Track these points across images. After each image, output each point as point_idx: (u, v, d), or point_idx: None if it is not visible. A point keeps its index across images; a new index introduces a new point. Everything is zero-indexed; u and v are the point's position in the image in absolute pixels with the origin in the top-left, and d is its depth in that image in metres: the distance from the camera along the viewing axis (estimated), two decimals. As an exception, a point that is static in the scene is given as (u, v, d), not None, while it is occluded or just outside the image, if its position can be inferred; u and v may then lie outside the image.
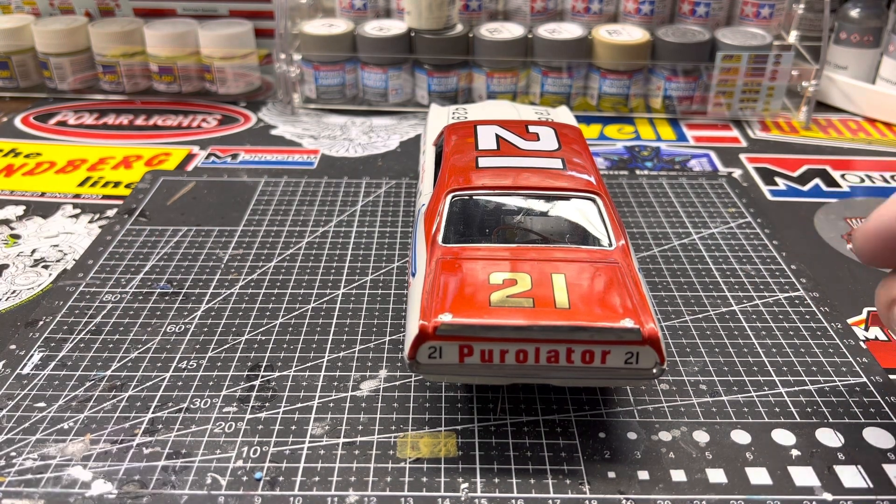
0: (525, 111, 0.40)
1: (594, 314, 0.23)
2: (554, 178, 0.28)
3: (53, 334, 0.32)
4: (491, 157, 0.30)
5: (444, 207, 0.28)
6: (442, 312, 0.23)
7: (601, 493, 0.24)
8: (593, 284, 0.24)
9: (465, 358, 0.24)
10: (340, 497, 0.24)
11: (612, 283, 0.24)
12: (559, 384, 0.25)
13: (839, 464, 0.26)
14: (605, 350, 0.23)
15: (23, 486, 0.25)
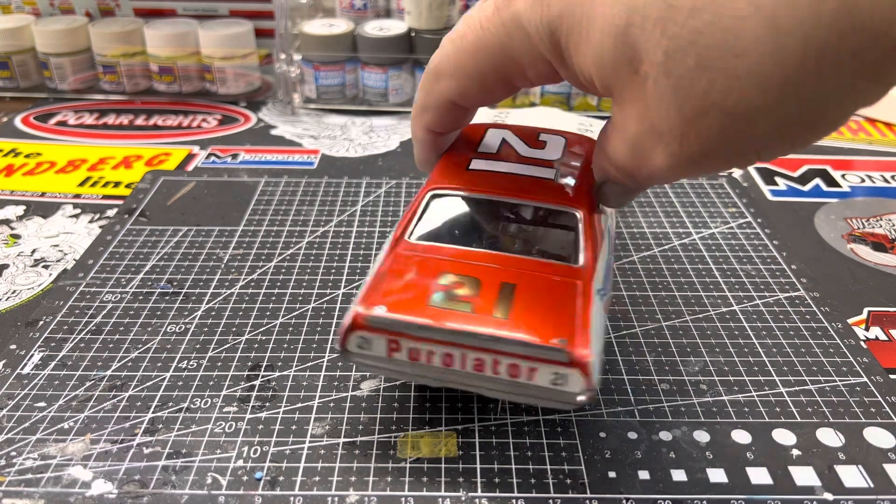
0: (569, 120, 0.40)
1: (527, 329, 0.22)
2: (538, 189, 0.27)
3: (53, 334, 0.32)
4: (486, 160, 0.29)
5: (421, 205, 0.27)
6: (377, 305, 0.23)
7: (601, 493, 0.24)
8: (542, 299, 0.24)
9: (392, 353, 0.23)
10: (341, 497, 0.24)
11: (563, 302, 0.23)
12: (488, 395, 0.24)
13: (840, 463, 0.26)
14: (532, 367, 0.22)
15: (23, 485, 0.25)
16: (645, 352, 0.31)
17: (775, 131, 0.18)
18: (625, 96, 0.20)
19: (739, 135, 0.18)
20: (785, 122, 0.18)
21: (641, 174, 0.22)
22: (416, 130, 0.28)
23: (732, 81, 0.17)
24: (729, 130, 0.18)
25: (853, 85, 0.17)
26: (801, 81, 0.17)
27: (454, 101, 0.26)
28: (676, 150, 0.20)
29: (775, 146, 0.19)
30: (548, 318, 0.23)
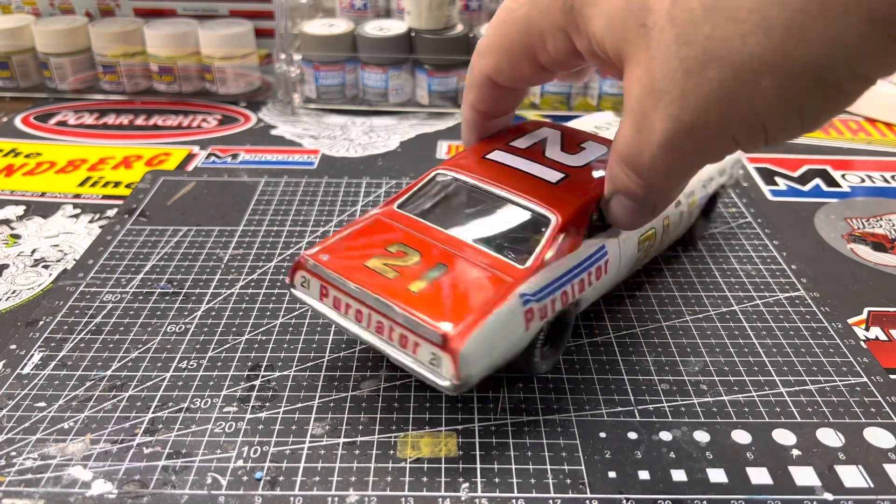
0: None
1: (425, 306, 0.24)
2: (532, 189, 0.28)
3: (54, 334, 0.32)
4: (507, 153, 0.30)
5: (424, 180, 0.30)
6: (322, 254, 0.27)
7: (601, 493, 0.24)
8: (462, 286, 0.25)
9: (323, 298, 0.27)
10: (341, 497, 0.24)
11: (478, 293, 0.25)
12: (393, 361, 0.26)
13: (840, 464, 0.26)
14: (416, 342, 0.24)
15: (23, 485, 0.25)
16: (645, 352, 0.31)
17: (780, 89, 0.17)
18: (631, 58, 0.20)
19: (741, 92, 0.18)
20: (790, 78, 0.17)
21: (643, 160, 0.21)
22: (463, 109, 0.30)
23: (736, 25, 0.17)
24: (730, 85, 0.18)
25: (864, 35, 0.16)
26: (806, 24, 0.16)
27: (490, 76, 0.27)
28: (675, 112, 0.19)
29: (780, 113, 0.18)
30: (453, 303, 0.24)
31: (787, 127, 0.19)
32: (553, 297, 0.27)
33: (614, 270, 0.30)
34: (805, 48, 0.17)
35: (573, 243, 0.27)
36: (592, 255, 0.29)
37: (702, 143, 0.20)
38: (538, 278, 0.26)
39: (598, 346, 0.31)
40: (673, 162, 0.21)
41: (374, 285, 0.25)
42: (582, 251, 0.28)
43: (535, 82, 0.27)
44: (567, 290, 0.27)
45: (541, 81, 0.27)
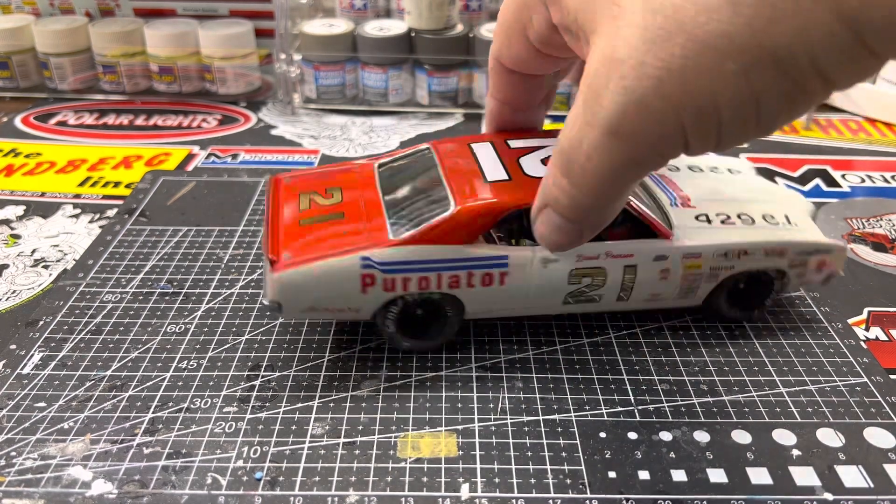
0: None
1: (290, 237, 0.28)
2: (465, 179, 0.29)
3: (53, 334, 0.32)
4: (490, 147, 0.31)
5: (413, 149, 0.33)
6: (290, 176, 0.33)
7: (601, 493, 0.24)
8: (332, 234, 0.28)
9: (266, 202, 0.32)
10: (341, 497, 0.24)
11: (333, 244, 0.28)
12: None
13: (840, 464, 0.26)
14: (271, 259, 0.28)
15: (23, 485, 0.25)
16: (645, 352, 0.31)
17: (742, 74, 0.17)
18: (598, 30, 0.19)
19: (703, 71, 0.17)
20: (753, 63, 0.17)
21: (580, 154, 0.20)
22: (486, 98, 0.30)
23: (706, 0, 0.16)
24: (692, 62, 0.17)
25: (831, 31, 0.16)
26: (776, 8, 0.16)
27: (496, 57, 0.27)
28: (630, 85, 0.18)
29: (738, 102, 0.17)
30: (309, 242, 0.28)
31: (742, 121, 0.18)
32: (405, 277, 0.27)
33: (519, 289, 0.29)
34: (771, 34, 0.16)
35: (463, 237, 0.27)
36: (482, 259, 0.28)
37: (649, 132, 0.19)
38: (393, 252, 0.27)
39: (598, 346, 0.31)
40: (611, 158, 0.20)
41: (282, 207, 0.30)
42: (470, 250, 0.28)
43: (532, 66, 0.26)
44: (429, 277, 0.28)
45: (537, 66, 0.26)
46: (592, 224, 0.23)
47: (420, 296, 0.28)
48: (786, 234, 0.30)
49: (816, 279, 0.31)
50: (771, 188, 0.34)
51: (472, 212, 0.27)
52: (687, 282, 0.30)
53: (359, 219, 0.29)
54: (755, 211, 0.31)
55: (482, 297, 0.29)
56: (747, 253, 0.29)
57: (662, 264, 0.29)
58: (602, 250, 0.28)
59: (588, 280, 0.29)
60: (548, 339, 0.31)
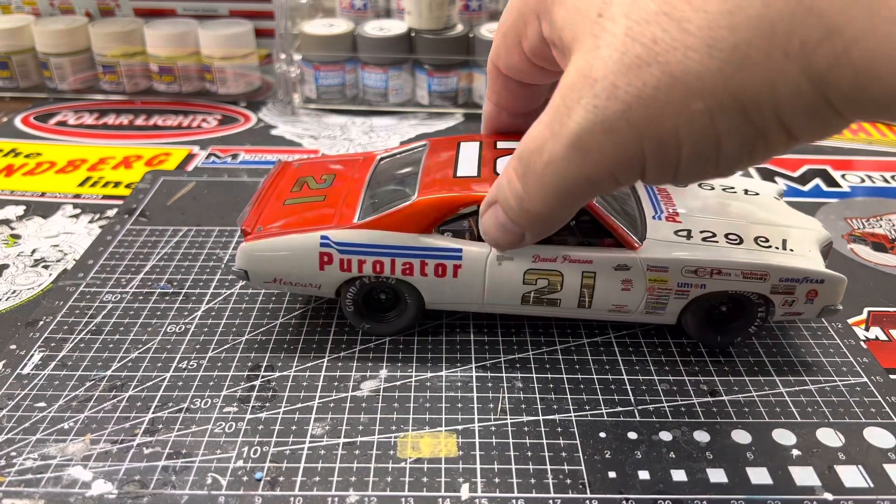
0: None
1: (271, 213, 0.31)
2: (437, 174, 0.30)
3: (54, 334, 0.32)
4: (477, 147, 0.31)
5: (413, 144, 0.34)
6: (304, 161, 0.36)
7: (601, 493, 0.24)
8: (306, 214, 0.30)
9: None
10: (341, 497, 0.24)
11: (302, 222, 0.30)
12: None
13: (840, 463, 0.26)
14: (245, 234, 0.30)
15: (23, 485, 0.25)
16: (645, 352, 0.31)
17: (707, 114, 0.17)
18: (579, 47, 0.20)
19: (670, 105, 0.17)
20: (719, 106, 0.17)
21: (540, 161, 0.20)
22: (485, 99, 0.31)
23: (684, 36, 0.17)
24: (663, 94, 0.17)
25: (798, 87, 0.16)
26: (749, 56, 0.16)
27: (493, 61, 0.27)
28: (601, 104, 0.18)
29: (699, 142, 0.18)
30: (284, 219, 0.30)
31: (701, 159, 0.18)
32: (360, 259, 0.29)
33: (472, 283, 0.29)
34: (741, 81, 0.17)
35: (419, 227, 0.29)
36: (436, 249, 0.29)
37: (609, 153, 0.19)
38: (350, 233, 0.29)
39: (598, 346, 0.31)
40: (567, 171, 0.20)
41: (277, 188, 0.33)
42: (424, 239, 0.29)
43: (527, 76, 0.27)
44: (383, 261, 0.29)
45: (531, 76, 0.27)
46: (535, 231, 0.24)
47: (377, 279, 0.30)
48: (770, 258, 0.28)
49: (810, 311, 0.29)
50: (786, 213, 0.32)
51: (428, 203, 0.28)
52: (653, 296, 0.29)
53: (336, 203, 0.31)
54: (749, 233, 0.29)
55: (436, 287, 0.30)
56: (721, 272, 0.28)
57: (624, 274, 0.28)
58: (559, 253, 0.28)
59: (544, 283, 0.29)
60: (548, 339, 0.31)
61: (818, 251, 0.30)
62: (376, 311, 0.31)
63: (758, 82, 0.16)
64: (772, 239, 0.29)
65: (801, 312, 0.29)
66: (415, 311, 0.31)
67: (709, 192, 0.33)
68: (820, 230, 0.31)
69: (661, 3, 0.17)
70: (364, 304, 0.31)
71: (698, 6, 0.17)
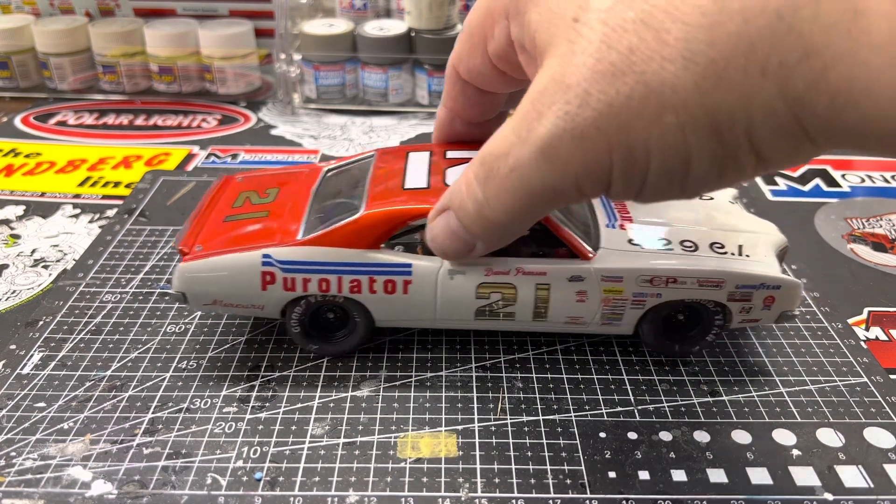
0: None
1: (210, 231, 0.30)
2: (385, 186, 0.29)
3: (53, 334, 0.32)
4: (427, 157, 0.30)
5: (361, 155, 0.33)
6: (241, 175, 0.35)
7: (601, 493, 0.24)
8: (248, 230, 0.29)
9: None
10: (341, 497, 0.24)
11: (243, 240, 0.29)
12: None
13: (840, 464, 0.26)
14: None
15: (23, 486, 0.25)
16: (645, 352, 0.31)
17: (679, 129, 0.17)
18: (552, 52, 0.19)
19: (643, 117, 0.17)
20: (692, 121, 0.17)
21: (506, 164, 0.20)
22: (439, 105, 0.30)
23: (661, 47, 0.17)
24: (636, 104, 0.17)
25: (773, 107, 0.16)
26: (726, 72, 0.16)
27: (454, 65, 0.26)
28: (572, 110, 0.18)
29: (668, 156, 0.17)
30: (224, 237, 0.29)
31: (669, 175, 0.18)
32: (305, 277, 0.28)
33: (424, 299, 0.28)
34: (715, 96, 0.16)
35: (365, 242, 0.27)
36: (385, 266, 0.28)
37: (578, 161, 0.19)
38: (294, 251, 0.28)
39: (598, 346, 0.31)
40: (531, 178, 0.20)
41: (217, 203, 0.32)
42: (372, 255, 0.28)
43: (487, 81, 0.26)
44: (329, 279, 0.28)
45: (491, 82, 0.26)
46: (489, 240, 0.23)
47: (323, 298, 0.28)
48: (726, 265, 0.27)
49: (767, 318, 0.29)
50: (741, 217, 0.32)
51: (375, 217, 0.27)
52: (609, 307, 0.28)
53: (279, 218, 0.29)
54: (704, 239, 0.29)
55: (386, 304, 0.28)
56: (676, 281, 0.27)
57: (578, 286, 0.28)
58: (512, 266, 0.28)
59: (498, 296, 0.28)
60: (548, 339, 0.31)
61: (774, 256, 0.29)
62: (324, 330, 0.30)
63: (733, 99, 0.16)
64: (727, 245, 0.29)
65: (759, 319, 0.29)
66: (364, 330, 0.29)
67: None
68: (776, 234, 0.31)
69: (640, 11, 0.17)
70: (311, 324, 0.30)
71: (678, 17, 0.16)
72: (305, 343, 0.30)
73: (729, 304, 0.28)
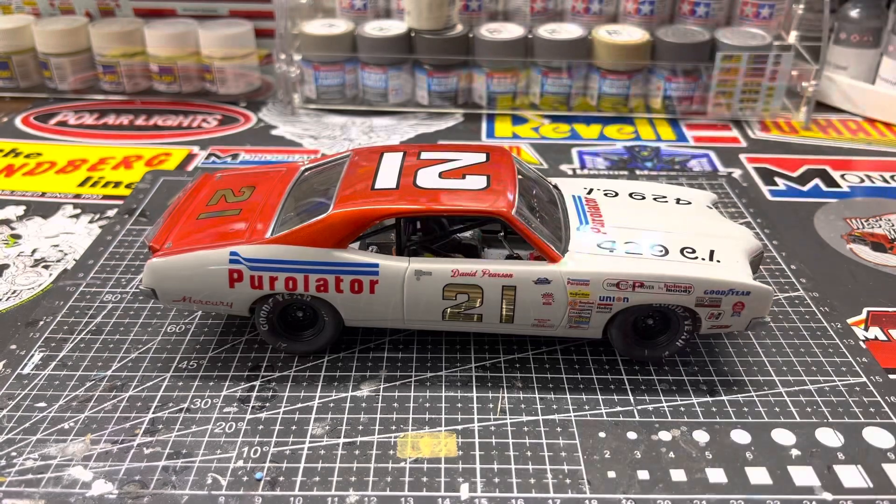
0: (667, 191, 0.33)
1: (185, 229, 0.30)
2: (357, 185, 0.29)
3: (54, 334, 0.32)
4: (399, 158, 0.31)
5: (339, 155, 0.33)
6: (222, 173, 0.35)
7: (601, 493, 0.24)
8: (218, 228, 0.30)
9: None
10: (341, 497, 0.24)
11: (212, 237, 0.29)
12: None
13: (839, 463, 0.26)
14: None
15: (23, 486, 0.25)
16: (644, 352, 0.31)
17: None
18: None
19: None
20: None
21: None
22: None
23: None
24: None
25: None
26: None
27: None
28: None
29: None
30: (194, 235, 0.29)
31: None
32: (272, 275, 0.28)
33: (390, 299, 0.28)
34: None
35: (332, 241, 0.28)
36: (351, 265, 0.28)
37: None
38: (260, 249, 0.28)
39: (598, 345, 0.31)
40: None
41: (193, 201, 0.32)
42: (339, 254, 0.28)
43: None
44: (296, 277, 0.28)
45: None
46: None
47: (291, 297, 0.29)
48: (694, 271, 0.27)
49: (738, 324, 0.28)
50: (717, 222, 0.31)
51: (341, 217, 0.28)
52: (576, 310, 0.28)
53: (250, 217, 0.30)
54: (675, 244, 0.29)
55: (354, 304, 0.29)
56: (643, 285, 0.27)
57: (544, 288, 0.27)
58: (479, 268, 0.28)
59: (464, 297, 0.28)
60: (547, 340, 0.31)
61: (747, 262, 0.29)
62: (294, 329, 0.30)
63: None
64: (698, 250, 0.28)
65: (729, 325, 0.28)
66: (333, 330, 0.30)
67: (639, 202, 0.32)
68: (750, 240, 0.30)
69: None
70: (280, 322, 0.30)
71: None
72: (274, 341, 0.30)
73: (697, 310, 0.28)
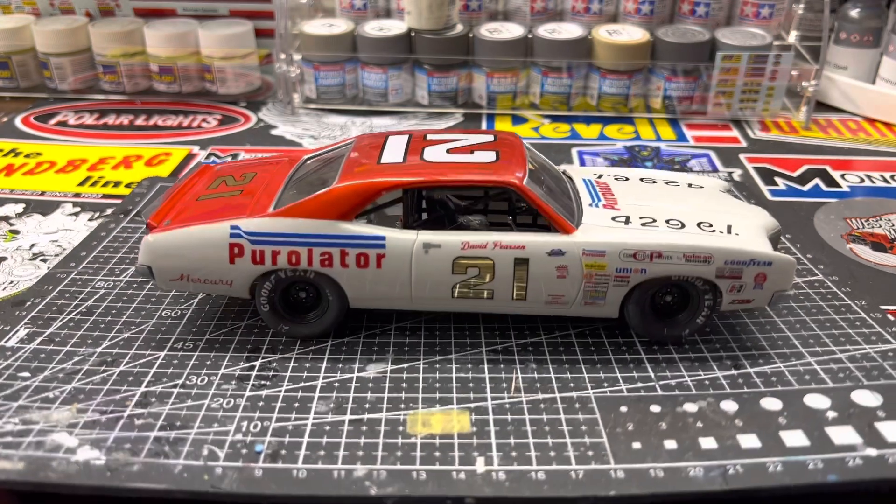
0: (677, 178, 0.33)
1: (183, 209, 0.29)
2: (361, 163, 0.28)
3: (41, 314, 0.30)
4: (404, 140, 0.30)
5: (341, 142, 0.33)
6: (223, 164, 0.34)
7: (627, 464, 0.23)
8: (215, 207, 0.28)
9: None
10: (348, 471, 0.22)
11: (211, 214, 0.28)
12: None
13: (880, 421, 0.24)
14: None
15: (1, 447, 0.23)
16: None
17: None
18: None
19: None
20: None
21: None
22: None
23: None
24: None
25: None
26: None
27: None
28: None
29: None
30: (192, 213, 0.28)
31: None
32: (275, 249, 0.27)
33: (398, 274, 0.27)
34: None
35: (337, 213, 0.27)
36: (357, 237, 0.27)
37: None
38: (262, 222, 0.27)
39: (613, 328, 0.30)
40: None
41: (193, 186, 0.31)
42: (343, 226, 0.27)
43: None
44: (299, 251, 0.27)
45: None
46: None
47: (294, 273, 0.27)
48: (714, 240, 0.26)
49: (760, 298, 0.27)
50: (732, 203, 0.30)
51: (347, 188, 0.27)
52: (592, 284, 0.27)
53: (252, 196, 0.29)
54: (691, 218, 0.28)
55: (359, 279, 0.27)
56: (661, 255, 0.26)
57: (558, 260, 0.26)
58: (490, 239, 0.26)
59: (475, 271, 0.27)
60: (560, 325, 0.30)
61: (765, 237, 0.28)
62: (296, 311, 0.29)
63: None
64: (716, 224, 0.27)
65: (751, 300, 0.27)
66: (337, 311, 0.28)
67: (652, 185, 0.31)
68: (767, 217, 0.29)
69: None
70: (282, 303, 0.28)
71: None
72: (276, 323, 0.28)
73: (718, 282, 0.26)
